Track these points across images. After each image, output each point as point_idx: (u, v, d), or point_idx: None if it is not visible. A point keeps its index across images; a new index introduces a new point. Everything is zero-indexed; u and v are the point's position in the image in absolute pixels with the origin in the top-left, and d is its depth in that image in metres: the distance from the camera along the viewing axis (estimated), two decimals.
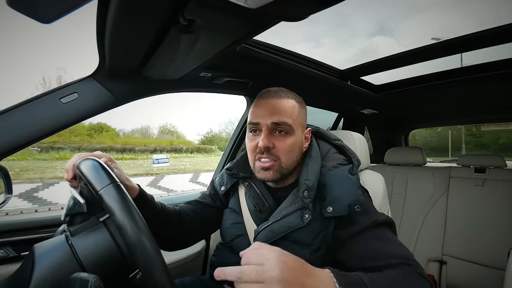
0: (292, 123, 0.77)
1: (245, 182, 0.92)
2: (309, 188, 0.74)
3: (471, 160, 2.04)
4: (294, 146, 0.79)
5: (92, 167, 0.60)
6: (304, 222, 0.74)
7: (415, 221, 2.03)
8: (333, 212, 0.73)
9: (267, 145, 0.75)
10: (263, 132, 0.77)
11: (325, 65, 1.40)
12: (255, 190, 0.89)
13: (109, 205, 0.54)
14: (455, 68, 1.53)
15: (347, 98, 1.87)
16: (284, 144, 0.77)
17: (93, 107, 0.93)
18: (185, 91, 1.22)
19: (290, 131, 0.77)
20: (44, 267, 0.53)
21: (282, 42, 2.99)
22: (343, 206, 0.72)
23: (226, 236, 0.92)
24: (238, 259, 0.88)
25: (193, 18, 0.58)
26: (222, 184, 0.96)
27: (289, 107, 0.78)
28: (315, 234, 0.76)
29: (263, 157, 0.78)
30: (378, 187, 1.03)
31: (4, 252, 0.90)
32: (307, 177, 0.76)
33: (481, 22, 16.51)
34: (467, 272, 1.78)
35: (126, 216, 0.53)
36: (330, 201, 0.74)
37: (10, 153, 0.81)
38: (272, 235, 0.77)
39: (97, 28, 0.69)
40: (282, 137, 0.78)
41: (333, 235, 0.76)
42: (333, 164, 0.82)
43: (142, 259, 0.50)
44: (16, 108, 0.82)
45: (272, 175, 0.78)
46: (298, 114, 0.80)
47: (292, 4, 0.52)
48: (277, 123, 0.76)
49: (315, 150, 0.85)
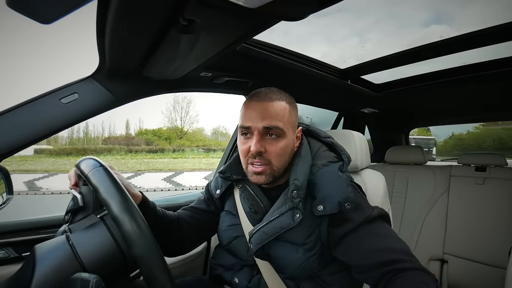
0: (283, 126, 0.77)
1: (239, 184, 0.92)
2: (298, 188, 0.74)
3: (471, 158, 2.04)
4: (286, 149, 0.79)
5: (87, 160, 0.64)
6: (295, 222, 0.74)
7: (416, 220, 2.03)
8: (324, 211, 0.73)
9: (259, 149, 0.75)
10: (254, 136, 0.76)
11: (325, 64, 1.40)
12: (249, 191, 0.89)
13: (95, 184, 0.57)
14: (456, 66, 1.52)
15: (347, 97, 1.87)
16: (276, 147, 0.77)
17: (94, 107, 0.93)
18: (185, 91, 1.22)
19: (281, 134, 0.77)
20: (45, 267, 0.53)
21: (325, 40, 2.94)
22: (333, 204, 0.72)
23: (224, 239, 0.92)
24: (236, 261, 0.89)
25: (193, 18, 0.58)
26: (217, 188, 0.96)
27: (280, 109, 0.78)
28: (308, 233, 0.76)
29: (255, 161, 0.77)
30: (378, 186, 1.03)
31: (5, 253, 0.91)
32: (296, 176, 0.76)
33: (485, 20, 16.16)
34: (468, 270, 1.78)
35: (110, 192, 0.56)
36: (320, 200, 0.74)
37: (10, 154, 0.81)
38: (265, 237, 0.77)
39: (97, 28, 0.69)
40: (274, 141, 0.77)
41: (327, 233, 0.76)
42: (323, 162, 0.81)
43: (127, 233, 0.52)
44: (17, 108, 0.82)
45: (265, 179, 0.78)
46: (289, 116, 0.80)
47: (291, 4, 0.52)
48: (268, 127, 0.76)
49: (305, 149, 0.84)
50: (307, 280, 0.79)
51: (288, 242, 0.77)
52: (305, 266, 0.76)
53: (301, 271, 0.77)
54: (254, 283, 0.83)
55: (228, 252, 0.91)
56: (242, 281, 0.85)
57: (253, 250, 0.79)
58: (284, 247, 0.78)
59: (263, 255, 0.80)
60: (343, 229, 0.73)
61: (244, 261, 0.87)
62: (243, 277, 0.85)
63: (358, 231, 0.72)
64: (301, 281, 0.79)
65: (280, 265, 0.79)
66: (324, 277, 0.79)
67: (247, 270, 0.86)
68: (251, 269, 0.86)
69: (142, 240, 0.52)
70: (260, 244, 0.77)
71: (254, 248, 0.78)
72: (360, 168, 1.10)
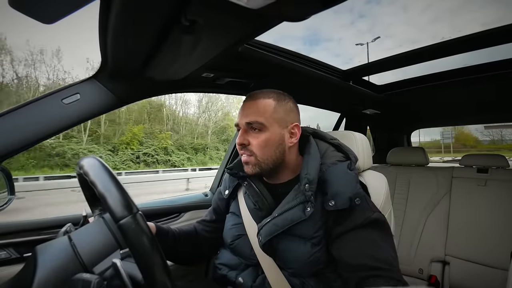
0: (264, 121, 0.82)
1: (245, 181, 0.95)
2: (310, 182, 0.78)
3: (473, 160, 2.03)
4: (269, 141, 0.83)
5: (87, 159, 0.64)
6: (306, 215, 0.77)
7: (418, 222, 2.02)
8: (335, 206, 0.76)
9: (241, 141, 0.84)
10: (240, 131, 0.86)
11: (327, 65, 1.40)
12: (254, 188, 0.92)
13: (90, 175, 0.57)
14: (458, 68, 1.52)
15: (349, 98, 1.87)
16: (258, 140, 0.83)
17: (95, 108, 0.93)
18: (187, 91, 1.23)
19: (262, 128, 0.83)
20: (46, 268, 0.53)
21: (327, 41, 2.91)
22: (344, 199, 0.76)
23: (227, 238, 0.95)
24: (240, 261, 0.90)
25: (195, 19, 0.58)
26: (226, 188, 1.02)
27: (262, 106, 0.84)
28: (317, 228, 0.79)
29: (242, 152, 0.86)
30: (380, 188, 1.03)
31: (6, 254, 0.91)
32: (307, 171, 0.81)
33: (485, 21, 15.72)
34: (470, 272, 1.77)
35: (98, 172, 0.57)
36: (332, 196, 0.78)
37: (12, 155, 0.80)
38: (275, 229, 0.79)
39: (99, 29, 0.69)
40: (256, 134, 0.84)
41: (331, 228, 0.79)
42: (332, 161, 0.86)
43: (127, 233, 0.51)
44: (18, 109, 0.82)
45: (251, 169, 0.84)
46: (273, 112, 0.84)
47: (293, 5, 0.51)
48: (249, 123, 0.83)
49: (313, 148, 0.88)
50: (312, 277, 0.80)
51: (297, 236, 0.80)
52: (312, 260, 0.78)
53: (308, 266, 0.78)
54: (259, 282, 0.84)
55: (232, 251, 0.94)
56: (246, 280, 0.86)
57: (261, 243, 0.81)
58: (293, 241, 0.80)
59: (270, 249, 0.82)
60: (345, 226, 0.76)
61: (247, 260, 0.89)
62: (247, 277, 0.87)
63: (355, 231, 0.75)
64: (306, 278, 0.80)
65: (286, 259, 0.81)
66: (328, 274, 0.80)
67: (251, 270, 0.88)
68: (255, 269, 0.87)
69: (142, 240, 0.52)
70: (269, 236, 0.80)
71: (263, 240, 0.81)
72: (362, 169, 1.09)
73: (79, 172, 0.64)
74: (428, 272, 1.88)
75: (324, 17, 22.54)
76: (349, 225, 0.76)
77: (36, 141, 0.83)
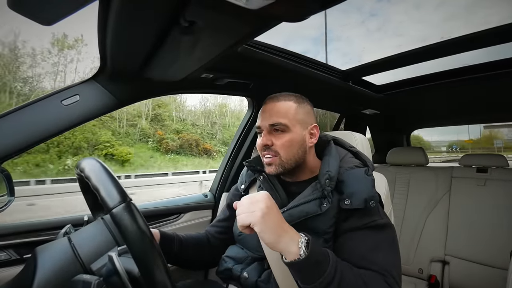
0: (287, 122, 0.85)
1: (261, 176, 0.97)
2: (331, 178, 0.81)
3: (473, 160, 2.04)
4: (293, 141, 0.85)
5: (86, 160, 0.64)
6: (322, 210, 0.79)
7: (417, 221, 2.02)
8: (351, 205, 0.78)
9: (265, 142, 0.85)
10: (263, 133, 0.87)
11: (326, 66, 1.40)
12: (268, 183, 0.94)
13: (86, 172, 0.58)
14: (457, 67, 1.52)
15: (348, 98, 1.87)
16: (282, 140, 0.85)
17: (95, 109, 0.93)
18: (187, 92, 1.23)
19: (286, 129, 0.85)
20: (46, 270, 0.52)
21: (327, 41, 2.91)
22: (360, 199, 0.77)
23: (236, 230, 0.97)
24: (247, 254, 0.90)
25: (194, 20, 0.58)
26: (242, 183, 1.05)
27: (284, 108, 0.86)
28: (330, 224, 0.80)
29: (265, 153, 0.87)
30: (380, 188, 1.03)
31: (6, 255, 0.90)
32: (328, 168, 0.83)
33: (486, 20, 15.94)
34: (469, 272, 1.77)
35: (93, 167, 0.58)
36: (348, 195, 0.79)
37: (12, 156, 0.80)
38: (289, 219, 0.79)
39: (99, 30, 0.69)
40: (280, 135, 0.85)
41: (339, 226, 0.80)
42: (350, 165, 0.88)
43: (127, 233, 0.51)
44: (18, 110, 0.82)
45: (275, 169, 0.86)
46: (295, 113, 0.87)
47: (292, 5, 0.52)
48: (273, 124, 0.85)
49: (333, 150, 0.92)
50: None
51: (310, 230, 0.79)
52: None
53: None
54: (265, 277, 0.84)
55: (239, 243, 0.96)
56: (252, 275, 0.86)
57: None
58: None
59: None
60: (352, 223, 0.78)
61: (254, 253, 0.89)
62: (253, 272, 0.87)
63: (361, 231, 0.77)
64: None
65: None
66: None
67: (257, 265, 0.88)
68: (261, 264, 0.88)
69: (142, 240, 0.51)
70: None
71: None
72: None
73: (77, 172, 0.64)
74: (428, 272, 1.88)
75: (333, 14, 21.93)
76: (357, 224, 0.77)
77: (36, 142, 0.83)
